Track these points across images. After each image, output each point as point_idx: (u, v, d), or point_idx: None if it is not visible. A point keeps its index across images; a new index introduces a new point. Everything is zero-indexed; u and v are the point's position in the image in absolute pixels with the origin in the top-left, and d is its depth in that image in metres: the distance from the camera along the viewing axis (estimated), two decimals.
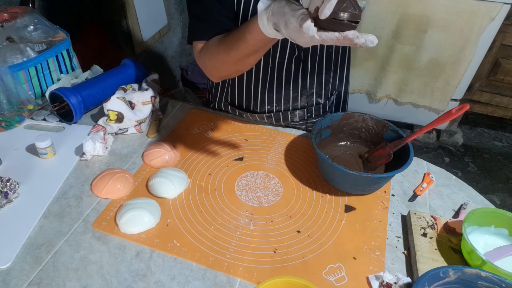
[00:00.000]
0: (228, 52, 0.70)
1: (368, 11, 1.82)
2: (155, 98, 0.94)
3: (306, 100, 0.94)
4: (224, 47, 0.71)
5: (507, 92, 2.07)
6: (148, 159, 0.80)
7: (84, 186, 0.75)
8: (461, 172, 2.09)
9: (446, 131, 2.30)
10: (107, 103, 0.85)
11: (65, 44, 1.00)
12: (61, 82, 0.99)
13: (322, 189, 0.77)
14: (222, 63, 0.74)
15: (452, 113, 0.65)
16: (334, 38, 0.48)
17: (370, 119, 0.81)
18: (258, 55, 0.70)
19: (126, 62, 1.04)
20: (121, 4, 1.68)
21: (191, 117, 0.96)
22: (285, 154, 0.85)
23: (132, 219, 0.65)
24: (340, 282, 0.60)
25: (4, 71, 0.85)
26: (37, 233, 0.65)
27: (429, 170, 0.84)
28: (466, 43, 1.79)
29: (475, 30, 1.75)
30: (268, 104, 0.94)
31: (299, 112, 0.95)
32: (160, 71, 1.08)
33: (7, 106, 0.87)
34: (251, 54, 0.68)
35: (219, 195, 0.74)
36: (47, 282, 0.58)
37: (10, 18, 0.94)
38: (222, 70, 0.77)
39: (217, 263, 0.62)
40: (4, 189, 0.70)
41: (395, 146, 0.73)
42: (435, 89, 1.99)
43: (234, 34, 0.68)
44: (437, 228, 0.67)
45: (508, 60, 1.96)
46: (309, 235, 0.67)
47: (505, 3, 1.67)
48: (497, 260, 0.60)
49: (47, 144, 0.79)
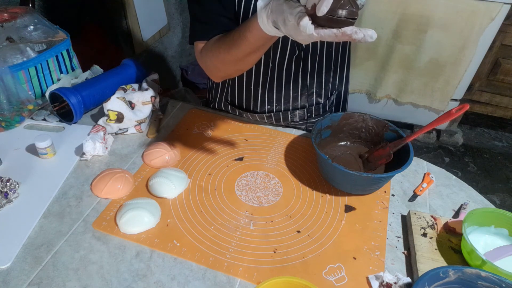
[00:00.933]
0: (228, 51, 0.70)
1: (368, 11, 1.82)
2: (155, 98, 0.94)
3: (306, 100, 0.94)
4: (224, 46, 0.71)
5: (507, 92, 2.07)
6: (148, 159, 0.80)
7: (84, 186, 0.75)
8: (461, 172, 2.09)
9: (446, 131, 2.30)
10: (107, 103, 0.85)
11: (65, 44, 1.00)
12: (61, 82, 0.99)
13: (322, 189, 0.77)
14: (223, 63, 0.74)
15: (452, 113, 0.65)
16: (332, 34, 0.48)
17: (370, 119, 0.81)
18: (259, 53, 0.70)
19: (126, 62, 1.04)
20: (121, 4, 1.68)
21: (191, 117, 0.96)
22: (285, 154, 0.85)
23: (132, 219, 0.65)
24: (340, 282, 0.60)
25: (4, 71, 0.85)
26: (37, 233, 0.65)
27: (429, 170, 0.84)
28: (466, 43, 1.79)
29: (475, 30, 1.75)
30: (268, 103, 0.94)
31: (299, 112, 0.95)
32: (160, 71, 1.08)
33: (7, 106, 0.87)
34: (252, 52, 0.68)
35: (219, 195, 0.74)
36: (47, 282, 0.58)
37: (10, 18, 0.94)
38: (223, 70, 0.78)
39: (217, 263, 0.62)
40: (4, 189, 0.70)
41: (395, 146, 0.73)
42: (435, 89, 1.99)
43: (235, 33, 0.68)
44: (437, 228, 0.67)
45: (508, 60, 1.96)
46: (309, 235, 0.67)
47: (505, 3, 1.67)
48: (497, 260, 0.60)
49: (47, 144, 0.79)
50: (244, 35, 0.64)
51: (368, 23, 1.85)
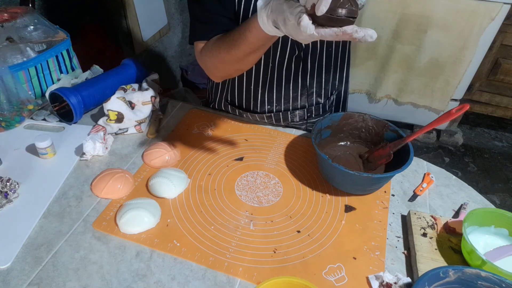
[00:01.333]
0: (228, 51, 0.70)
1: (368, 11, 1.82)
2: (155, 98, 0.94)
3: (306, 100, 0.94)
4: (224, 46, 0.71)
5: (507, 92, 2.07)
6: (148, 159, 0.80)
7: (84, 186, 0.75)
8: (461, 172, 2.09)
9: (446, 131, 2.30)
10: (107, 103, 0.85)
11: (65, 44, 1.00)
12: (61, 82, 0.99)
13: (322, 189, 0.77)
14: (223, 62, 0.74)
15: (452, 113, 0.65)
16: (333, 33, 0.48)
17: (370, 119, 0.81)
18: (259, 53, 0.70)
19: (126, 62, 1.04)
20: (121, 4, 1.68)
21: (191, 117, 0.96)
22: (285, 154, 0.85)
23: (132, 219, 0.65)
24: (340, 282, 0.60)
25: (4, 71, 0.85)
26: (37, 233, 0.65)
27: (429, 170, 0.84)
28: (466, 43, 1.79)
29: (475, 30, 1.75)
30: (268, 104, 0.94)
31: (299, 112, 0.95)
32: (160, 71, 1.08)
33: (7, 106, 0.87)
34: (252, 52, 0.68)
35: (219, 195, 0.74)
36: (47, 282, 0.58)
37: (10, 18, 0.94)
38: (223, 70, 0.78)
39: (217, 263, 0.62)
40: (4, 189, 0.70)
41: (395, 146, 0.73)
42: (435, 89, 1.99)
43: (235, 33, 0.67)
44: (437, 228, 0.67)
45: (508, 60, 1.96)
46: (309, 235, 0.67)
47: (505, 3, 1.67)
48: (497, 260, 0.60)
49: (47, 144, 0.79)
50: (244, 35, 0.64)
51: (368, 23, 1.85)
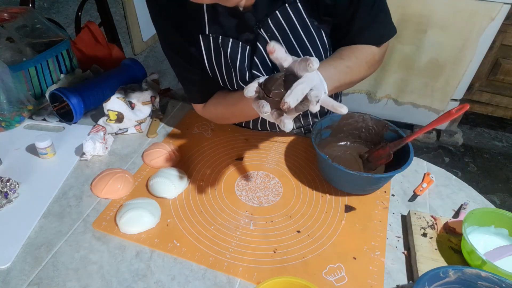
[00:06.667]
0: (232, 112, 0.78)
1: None
2: (155, 98, 0.94)
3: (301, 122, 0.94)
4: (226, 111, 0.79)
5: (507, 92, 2.07)
6: (148, 159, 0.80)
7: (84, 186, 0.75)
8: (461, 172, 2.09)
9: (446, 131, 2.30)
10: (107, 103, 0.85)
11: (65, 44, 1.00)
12: (61, 82, 0.99)
13: (322, 189, 0.77)
14: (228, 120, 0.85)
15: (452, 113, 0.65)
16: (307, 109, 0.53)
17: (370, 119, 0.81)
18: None
19: (126, 62, 1.04)
20: (121, 4, 1.68)
21: (191, 117, 0.96)
22: (285, 154, 0.85)
23: (132, 219, 0.65)
24: (340, 282, 0.60)
25: (4, 71, 0.85)
26: (37, 233, 0.65)
27: (429, 170, 0.84)
28: (466, 43, 1.79)
29: (475, 30, 1.75)
30: (261, 125, 0.92)
31: (296, 127, 0.95)
32: (160, 71, 1.08)
33: (7, 106, 0.87)
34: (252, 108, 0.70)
35: (219, 195, 0.74)
36: (47, 282, 0.58)
37: (10, 18, 0.94)
38: (229, 122, 0.89)
39: (217, 263, 0.62)
40: (4, 189, 0.70)
41: (395, 146, 0.73)
42: (435, 89, 1.99)
43: (231, 98, 0.75)
44: (437, 228, 0.67)
45: (508, 60, 1.96)
46: (309, 235, 0.67)
47: (505, 3, 1.67)
48: (497, 260, 0.60)
49: (47, 144, 0.79)
50: (241, 99, 0.70)
51: None
